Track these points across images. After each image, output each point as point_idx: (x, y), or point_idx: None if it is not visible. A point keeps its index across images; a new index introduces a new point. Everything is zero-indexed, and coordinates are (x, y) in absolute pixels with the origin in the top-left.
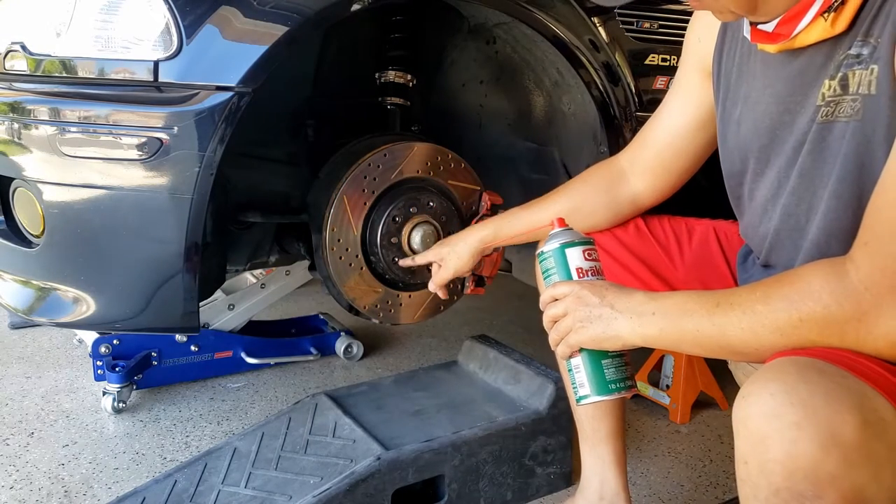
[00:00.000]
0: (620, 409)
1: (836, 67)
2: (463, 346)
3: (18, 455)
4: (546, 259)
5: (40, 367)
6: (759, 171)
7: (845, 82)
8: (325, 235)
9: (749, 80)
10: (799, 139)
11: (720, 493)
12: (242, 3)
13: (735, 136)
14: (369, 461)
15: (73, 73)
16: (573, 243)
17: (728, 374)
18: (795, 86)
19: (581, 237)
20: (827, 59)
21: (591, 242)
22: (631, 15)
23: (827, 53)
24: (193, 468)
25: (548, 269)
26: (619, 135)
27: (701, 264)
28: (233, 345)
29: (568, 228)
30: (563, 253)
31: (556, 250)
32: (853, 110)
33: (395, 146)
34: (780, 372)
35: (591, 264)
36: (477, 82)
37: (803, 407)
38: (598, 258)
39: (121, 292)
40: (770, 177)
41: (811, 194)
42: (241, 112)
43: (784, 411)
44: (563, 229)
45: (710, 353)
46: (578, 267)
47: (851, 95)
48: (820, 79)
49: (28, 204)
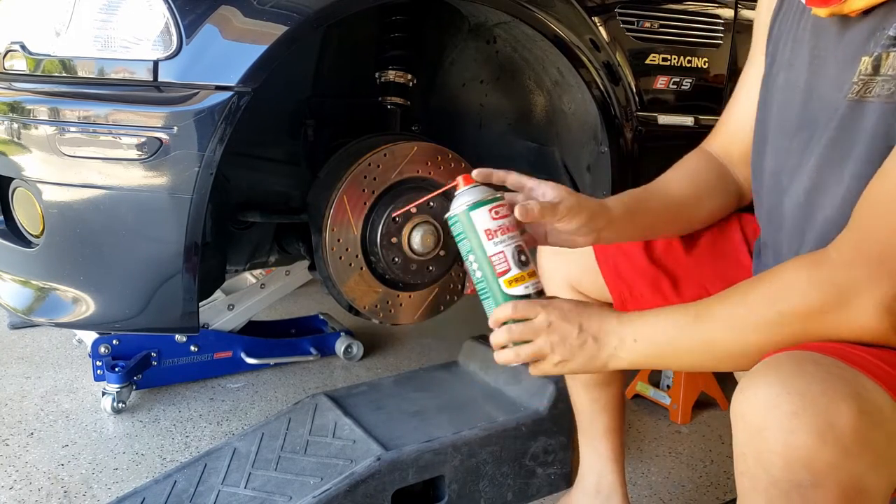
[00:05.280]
0: (620, 405)
1: (875, 45)
2: (463, 346)
3: (18, 455)
4: (455, 223)
5: (40, 367)
6: (786, 143)
7: (878, 63)
8: (325, 235)
9: (796, 48)
10: (830, 114)
11: (721, 494)
12: (242, 2)
13: (771, 103)
14: (369, 462)
15: (73, 73)
16: (478, 203)
17: (728, 375)
18: (838, 58)
19: (488, 194)
20: (870, 35)
21: (499, 199)
22: (631, 14)
23: (871, 29)
24: (193, 468)
25: (458, 234)
26: (619, 134)
27: (719, 255)
28: (232, 345)
29: (474, 185)
30: (469, 217)
31: (463, 213)
32: (887, 91)
33: (395, 146)
34: (777, 365)
35: (499, 223)
36: (477, 82)
37: (800, 397)
38: (507, 212)
39: (120, 292)
40: (794, 149)
41: (833, 172)
42: (240, 112)
43: (781, 402)
44: (468, 188)
45: (698, 366)
46: (487, 229)
47: (883, 77)
48: (860, 54)
49: (28, 204)
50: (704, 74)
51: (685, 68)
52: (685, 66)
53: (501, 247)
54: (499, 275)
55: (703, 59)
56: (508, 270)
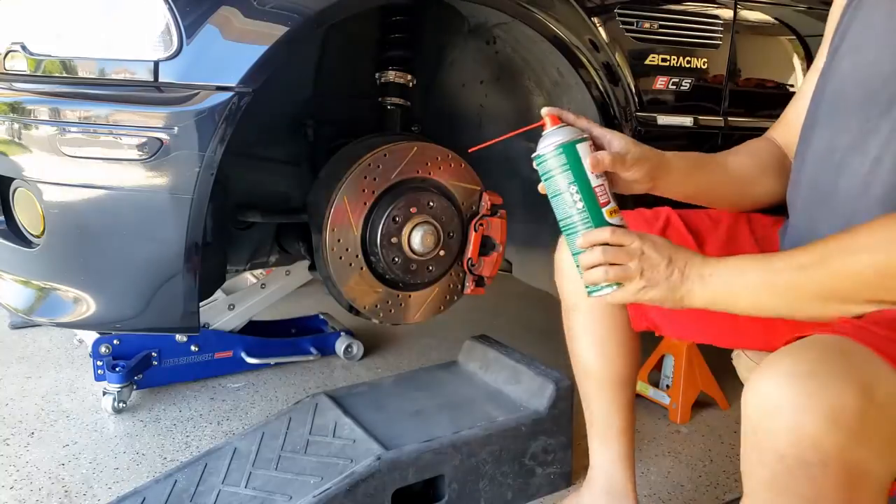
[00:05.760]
0: (632, 405)
1: None
2: (463, 346)
3: (18, 455)
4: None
5: (40, 367)
6: (843, 121)
7: None
8: (326, 235)
9: (863, 31)
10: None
11: (720, 493)
12: (242, 3)
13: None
14: (369, 461)
15: (73, 73)
16: (581, 139)
17: (728, 375)
18: None
19: (581, 133)
20: None
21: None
22: (631, 15)
23: None
24: (194, 468)
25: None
26: None
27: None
28: (233, 345)
29: (564, 125)
30: (576, 150)
31: (569, 146)
32: None
33: (395, 146)
34: (800, 350)
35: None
36: (477, 82)
37: (816, 380)
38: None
39: (121, 292)
40: (853, 127)
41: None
42: (241, 112)
43: (799, 383)
44: (559, 127)
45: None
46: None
47: None
48: None
49: (28, 204)
50: (704, 75)
51: (684, 69)
52: (684, 66)
53: (602, 180)
54: (602, 205)
55: (703, 60)
56: (609, 202)
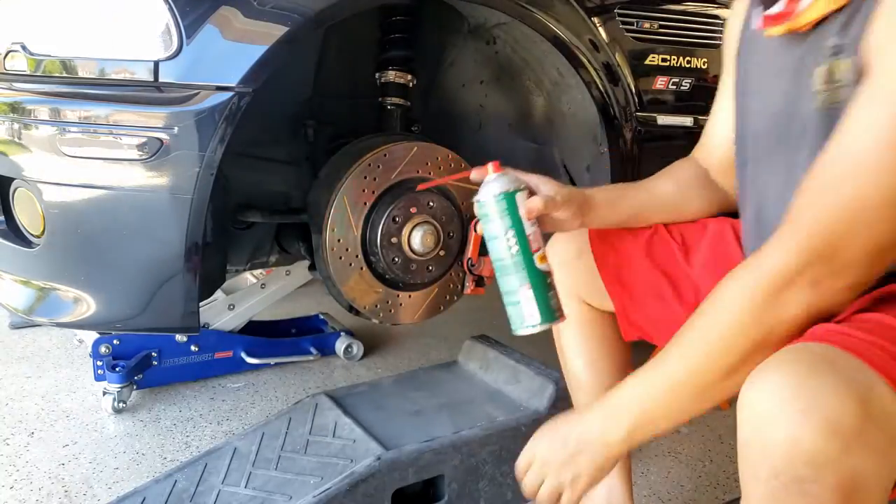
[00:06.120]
0: None
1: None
2: (463, 346)
3: (18, 455)
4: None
5: (40, 367)
6: (767, 160)
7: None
8: (326, 235)
9: (760, 72)
10: (803, 127)
11: (720, 494)
12: (242, 3)
13: (748, 125)
14: (369, 461)
15: (74, 73)
16: (520, 189)
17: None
18: (800, 72)
19: (520, 182)
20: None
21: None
22: (631, 15)
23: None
24: (193, 468)
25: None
26: (619, 135)
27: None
28: (233, 345)
29: (505, 173)
30: (514, 199)
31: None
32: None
33: (395, 146)
34: (790, 360)
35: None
36: (477, 82)
37: (810, 394)
38: None
39: (121, 292)
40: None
41: None
42: (241, 112)
43: (790, 396)
44: (500, 174)
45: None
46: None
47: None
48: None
49: (28, 204)
50: (703, 75)
51: (684, 69)
52: (684, 66)
53: (535, 227)
54: (533, 251)
55: (703, 60)
56: (539, 248)
